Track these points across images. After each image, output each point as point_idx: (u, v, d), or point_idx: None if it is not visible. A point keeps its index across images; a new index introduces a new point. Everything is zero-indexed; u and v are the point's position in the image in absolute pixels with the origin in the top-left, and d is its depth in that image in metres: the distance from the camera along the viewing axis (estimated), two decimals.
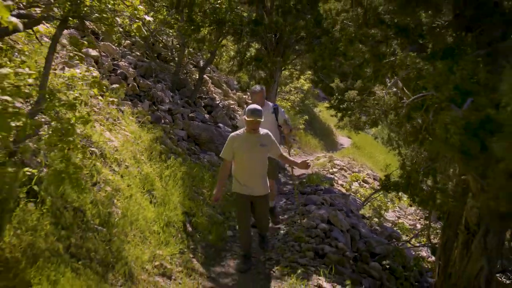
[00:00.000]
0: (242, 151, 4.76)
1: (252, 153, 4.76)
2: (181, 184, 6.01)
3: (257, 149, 4.76)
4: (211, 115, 11.43)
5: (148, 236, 4.63)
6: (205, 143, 9.47)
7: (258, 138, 4.77)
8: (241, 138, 4.80)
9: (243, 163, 4.82)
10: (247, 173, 4.84)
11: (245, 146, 4.75)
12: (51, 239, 3.24)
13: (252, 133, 4.74)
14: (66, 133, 2.89)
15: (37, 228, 3.17)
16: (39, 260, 2.96)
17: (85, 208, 4.00)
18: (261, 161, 4.87)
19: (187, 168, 6.67)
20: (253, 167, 4.83)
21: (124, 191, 4.80)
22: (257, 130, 4.75)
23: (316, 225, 6.70)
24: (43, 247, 3.10)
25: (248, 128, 4.72)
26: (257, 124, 4.66)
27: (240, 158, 4.80)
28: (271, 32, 11.18)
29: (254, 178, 4.86)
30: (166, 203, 5.30)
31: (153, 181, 5.53)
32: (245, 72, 14.08)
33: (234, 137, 4.85)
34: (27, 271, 2.76)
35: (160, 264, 4.40)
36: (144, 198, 5.07)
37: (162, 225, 4.94)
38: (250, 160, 4.79)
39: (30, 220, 3.15)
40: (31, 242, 3.02)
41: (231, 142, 4.81)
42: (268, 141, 4.85)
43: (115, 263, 3.83)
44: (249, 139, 4.76)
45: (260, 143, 4.76)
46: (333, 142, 23.14)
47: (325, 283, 4.86)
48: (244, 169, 4.84)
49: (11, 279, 2.60)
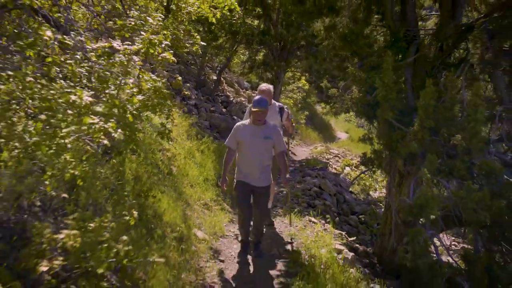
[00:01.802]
0: (246, 141, 4.63)
1: (256, 144, 4.62)
2: (212, 155, 8.24)
3: (260, 141, 4.61)
4: (227, 109, 13.67)
5: (195, 185, 6.84)
6: (224, 130, 11.68)
7: (263, 130, 4.63)
8: (246, 128, 4.68)
9: (247, 153, 4.69)
10: (250, 164, 4.70)
11: (249, 137, 4.62)
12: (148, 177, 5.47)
13: (257, 124, 4.60)
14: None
15: (140, 169, 5.38)
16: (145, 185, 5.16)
17: (158, 163, 6.22)
18: (265, 153, 4.70)
19: (215, 145, 8.91)
20: (255, 158, 4.67)
21: (178, 156, 7.03)
22: (263, 121, 4.61)
23: (310, 188, 8.91)
24: (146, 179, 5.31)
25: (254, 119, 4.60)
26: (262, 114, 4.53)
27: (244, 148, 4.68)
28: (276, 41, 13.38)
29: (256, 168, 4.69)
30: (204, 166, 7.52)
31: (193, 152, 7.75)
32: (254, 74, 16.30)
33: (239, 126, 4.74)
34: (146, 185, 4.96)
35: (204, 202, 6.60)
36: (190, 162, 7.29)
37: (203, 179, 7.15)
38: (253, 151, 4.65)
39: (136, 165, 5.36)
40: (139, 175, 5.23)
41: (236, 132, 4.71)
42: (274, 135, 4.67)
43: (179, 196, 6.03)
44: (254, 130, 4.62)
45: (264, 135, 4.60)
46: (331, 135, 25.26)
47: (313, 219, 7.04)
48: (247, 159, 4.71)
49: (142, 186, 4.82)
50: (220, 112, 12.59)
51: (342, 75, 6.02)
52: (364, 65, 5.40)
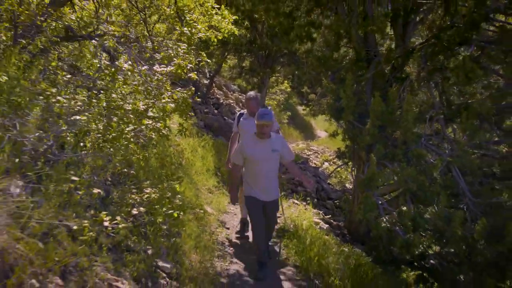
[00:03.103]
0: (254, 157, 4.49)
1: (264, 159, 4.50)
2: (212, 149, 9.72)
3: (268, 155, 4.49)
4: (218, 110, 15.15)
5: (200, 174, 8.31)
6: (217, 129, 13.17)
7: (270, 143, 4.48)
8: (252, 143, 4.54)
9: (254, 168, 4.57)
10: (259, 179, 4.57)
11: (256, 151, 4.48)
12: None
13: (263, 138, 4.45)
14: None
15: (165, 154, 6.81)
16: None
17: (171, 155, 7.67)
18: (273, 167, 4.61)
19: (213, 142, 10.39)
20: (264, 172, 4.56)
21: (185, 150, 8.49)
22: (267, 134, 4.45)
23: (293, 178, 10.47)
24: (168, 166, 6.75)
25: (258, 133, 4.45)
26: (266, 128, 4.36)
27: (251, 163, 4.56)
28: (262, 50, 14.90)
29: (266, 183, 4.59)
30: (206, 159, 9.00)
31: (196, 147, 9.23)
32: (242, 79, 17.81)
33: (245, 141, 4.65)
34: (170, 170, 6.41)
35: (208, 188, 8.08)
36: (195, 155, 8.76)
37: (205, 170, 8.63)
38: (261, 166, 4.53)
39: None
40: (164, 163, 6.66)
41: (242, 146, 4.59)
42: (280, 146, 4.57)
43: (190, 181, 7.49)
44: (260, 144, 4.48)
45: (271, 149, 4.47)
46: (312, 134, 26.95)
47: (296, 201, 8.59)
48: (255, 174, 4.58)
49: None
50: (213, 113, 14.07)
51: (319, 84, 7.59)
52: (334, 78, 6.97)
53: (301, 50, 8.62)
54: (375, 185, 4.90)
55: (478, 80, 5.33)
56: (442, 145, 6.02)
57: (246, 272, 4.92)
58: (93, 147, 4.31)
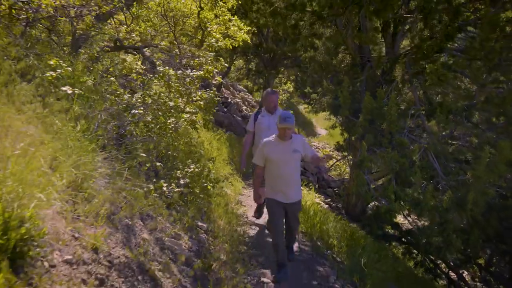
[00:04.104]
0: (275, 158, 4.49)
1: (285, 160, 4.48)
2: (226, 142, 10.92)
3: (289, 156, 4.48)
4: (227, 109, 16.34)
5: (216, 163, 9.50)
6: (227, 126, 14.37)
7: (291, 145, 4.47)
8: (274, 145, 4.52)
9: (276, 170, 4.54)
10: (280, 180, 4.54)
11: (278, 153, 4.48)
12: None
13: (285, 140, 4.45)
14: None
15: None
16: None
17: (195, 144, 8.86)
18: (294, 168, 4.59)
19: (226, 136, 11.60)
20: (286, 174, 4.53)
21: (204, 142, 9.69)
22: (289, 136, 4.45)
23: None
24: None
25: (281, 136, 4.45)
26: (289, 131, 4.39)
27: (273, 165, 4.54)
28: (267, 53, 16.09)
29: (287, 184, 4.56)
30: (221, 150, 10.19)
31: (212, 140, 10.43)
32: (248, 79, 19.02)
33: (266, 143, 4.59)
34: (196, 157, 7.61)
35: (224, 175, 9.27)
36: (211, 147, 9.96)
37: (221, 159, 9.83)
38: (283, 167, 4.50)
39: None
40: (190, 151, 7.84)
41: (263, 148, 4.58)
42: (301, 146, 4.56)
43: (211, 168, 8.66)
44: (281, 145, 4.48)
45: (292, 149, 4.47)
46: (313, 131, 28.13)
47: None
48: (277, 175, 4.55)
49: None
50: (222, 111, 15.26)
51: (320, 86, 8.84)
52: (333, 80, 8.16)
53: (305, 57, 9.81)
54: (365, 166, 6.10)
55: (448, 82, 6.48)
56: (422, 136, 7.20)
57: (263, 235, 6.12)
58: (145, 134, 5.52)
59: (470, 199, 5.55)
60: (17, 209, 2.32)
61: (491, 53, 5.75)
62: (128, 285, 2.98)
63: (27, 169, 2.72)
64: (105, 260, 2.94)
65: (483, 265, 8.59)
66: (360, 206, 8.73)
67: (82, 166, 3.33)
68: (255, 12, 8.86)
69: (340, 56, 8.94)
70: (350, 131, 7.17)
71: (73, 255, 2.71)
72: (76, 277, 2.57)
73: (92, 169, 3.47)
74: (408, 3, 8.12)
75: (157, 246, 3.77)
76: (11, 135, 3.00)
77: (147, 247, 3.52)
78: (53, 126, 3.69)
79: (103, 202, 3.30)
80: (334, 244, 5.95)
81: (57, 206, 2.85)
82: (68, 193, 3.03)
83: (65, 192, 3.01)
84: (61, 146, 3.35)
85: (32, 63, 4.51)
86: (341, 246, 6.04)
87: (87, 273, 2.69)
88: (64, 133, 3.63)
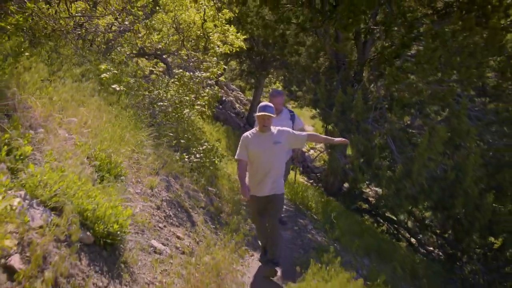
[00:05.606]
0: (256, 150, 4.36)
1: (266, 152, 4.36)
2: (224, 133, 12.53)
3: (271, 147, 4.34)
4: (222, 106, 17.94)
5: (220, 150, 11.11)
6: (223, 120, 15.97)
7: (271, 136, 4.37)
8: (254, 136, 4.43)
9: (258, 162, 4.41)
10: (262, 173, 4.41)
11: (259, 145, 4.36)
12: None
13: (264, 131, 4.36)
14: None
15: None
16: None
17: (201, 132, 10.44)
18: (276, 160, 4.44)
19: (224, 128, 13.23)
20: (266, 166, 4.39)
21: (207, 133, 11.29)
22: (269, 127, 4.36)
23: None
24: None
25: (260, 125, 4.35)
26: (268, 120, 4.28)
27: (254, 157, 4.40)
28: (259, 56, 17.72)
29: (267, 176, 4.40)
30: (220, 140, 11.80)
31: (212, 131, 12.03)
32: (240, 80, 20.63)
33: (247, 136, 4.48)
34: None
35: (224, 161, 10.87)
36: (211, 137, 11.56)
37: (222, 148, 11.43)
38: (264, 159, 4.38)
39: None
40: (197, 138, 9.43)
41: (244, 142, 4.45)
42: (283, 137, 4.40)
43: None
44: (262, 137, 4.39)
45: (273, 141, 4.35)
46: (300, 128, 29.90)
47: None
48: (258, 167, 4.42)
49: None
50: (218, 108, 16.86)
51: (304, 85, 10.58)
52: (314, 80, 9.81)
53: (291, 61, 11.48)
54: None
55: (402, 82, 8.14)
56: (384, 125, 8.88)
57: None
58: (167, 120, 7.08)
59: (415, 170, 7.22)
60: (112, 156, 3.91)
61: (432, 59, 7.43)
62: (173, 212, 4.58)
63: (114, 135, 4.32)
64: (158, 196, 4.54)
65: (438, 232, 10.30)
66: (337, 185, 10.39)
67: (138, 138, 4.93)
68: (250, 24, 10.48)
69: (321, 60, 10.60)
70: (326, 120, 8.83)
71: (140, 190, 4.31)
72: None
73: (143, 140, 5.08)
74: (376, 17, 9.81)
75: (186, 195, 5.36)
76: (90, 116, 4.56)
77: (180, 193, 5.13)
78: (111, 112, 5.26)
79: (152, 161, 4.91)
80: (312, 206, 7.59)
81: (130, 159, 4.46)
82: (133, 152, 4.64)
83: (131, 152, 4.61)
84: (124, 125, 4.94)
85: (89, 68, 6.07)
86: (317, 208, 7.68)
87: (150, 201, 4.29)
88: (121, 117, 5.21)
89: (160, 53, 8.17)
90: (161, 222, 4.20)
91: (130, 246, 3.30)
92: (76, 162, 3.35)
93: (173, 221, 4.45)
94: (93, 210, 2.92)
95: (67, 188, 2.87)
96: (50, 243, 2.52)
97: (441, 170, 7.94)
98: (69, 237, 2.65)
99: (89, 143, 3.82)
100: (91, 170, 3.53)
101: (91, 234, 2.90)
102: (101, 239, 2.95)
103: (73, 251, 2.57)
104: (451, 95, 7.83)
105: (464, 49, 7.44)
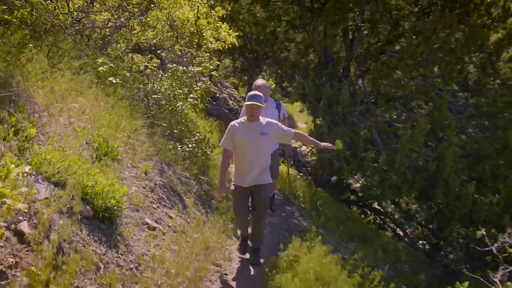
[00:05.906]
0: (242, 140, 4.27)
1: (252, 142, 4.25)
2: (216, 128, 12.84)
3: (258, 138, 4.24)
4: (216, 102, 18.24)
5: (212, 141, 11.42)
6: (216, 116, 16.25)
7: (259, 126, 4.27)
8: (241, 125, 4.33)
9: (242, 151, 4.31)
10: (248, 163, 4.29)
11: (245, 134, 4.26)
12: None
13: (252, 121, 4.27)
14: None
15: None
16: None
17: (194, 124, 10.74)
18: (262, 150, 4.33)
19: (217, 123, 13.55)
20: (254, 157, 4.27)
21: (200, 127, 11.59)
22: (257, 117, 4.28)
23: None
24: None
25: (248, 115, 4.26)
26: (256, 109, 4.18)
27: (240, 146, 4.31)
28: (251, 53, 18.03)
29: (254, 168, 4.29)
30: (212, 132, 12.11)
31: (205, 125, 12.33)
32: (234, 77, 20.94)
33: (234, 125, 4.38)
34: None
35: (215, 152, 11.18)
36: (205, 130, 11.86)
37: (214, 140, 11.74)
38: (251, 149, 4.27)
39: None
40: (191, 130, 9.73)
41: (231, 130, 4.35)
42: (271, 129, 4.29)
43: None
44: (249, 126, 4.28)
45: (260, 132, 4.24)
46: (293, 125, 30.25)
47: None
48: (243, 157, 4.32)
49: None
50: (212, 104, 17.16)
51: (294, 80, 10.94)
52: (303, 75, 10.13)
53: (281, 57, 11.81)
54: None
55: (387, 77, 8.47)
56: (369, 118, 9.22)
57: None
58: (161, 112, 7.37)
59: (398, 160, 7.57)
60: (109, 141, 4.21)
61: (414, 54, 7.77)
62: (166, 195, 4.89)
63: (111, 122, 4.62)
64: (152, 179, 4.85)
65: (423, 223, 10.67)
66: (326, 177, 10.73)
67: (133, 126, 5.24)
68: (241, 21, 10.79)
69: (310, 56, 10.92)
70: (314, 114, 9.16)
71: (135, 173, 4.61)
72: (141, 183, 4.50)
73: (138, 129, 5.38)
74: (363, 14, 10.15)
75: (178, 180, 5.67)
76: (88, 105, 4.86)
77: (173, 178, 5.44)
78: (108, 102, 5.55)
79: (147, 148, 5.21)
80: (300, 196, 7.92)
81: (126, 145, 4.77)
82: (129, 138, 4.94)
83: (127, 138, 4.92)
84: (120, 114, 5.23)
85: (86, 61, 6.35)
86: (305, 197, 8.01)
87: (145, 184, 4.59)
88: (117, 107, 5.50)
89: (154, 49, 8.45)
90: (154, 203, 4.51)
91: (126, 221, 3.61)
92: (76, 144, 3.66)
93: (166, 203, 4.76)
94: (92, 186, 3.21)
95: (69, 166, 3.17)
96: (54, 213, 2.81)
97: (423, 161, 8.29)
98: (70, 209, 2.94)
99: (87, 128, 4.12)
100: (90, 152, 3.83)
101: (91, 208, 3.19)
102: (100, 213, 3.25)
103: (75, 221, 2.87)
104: (433, 89, 8.17)
105: (445, 45, 7.78)
